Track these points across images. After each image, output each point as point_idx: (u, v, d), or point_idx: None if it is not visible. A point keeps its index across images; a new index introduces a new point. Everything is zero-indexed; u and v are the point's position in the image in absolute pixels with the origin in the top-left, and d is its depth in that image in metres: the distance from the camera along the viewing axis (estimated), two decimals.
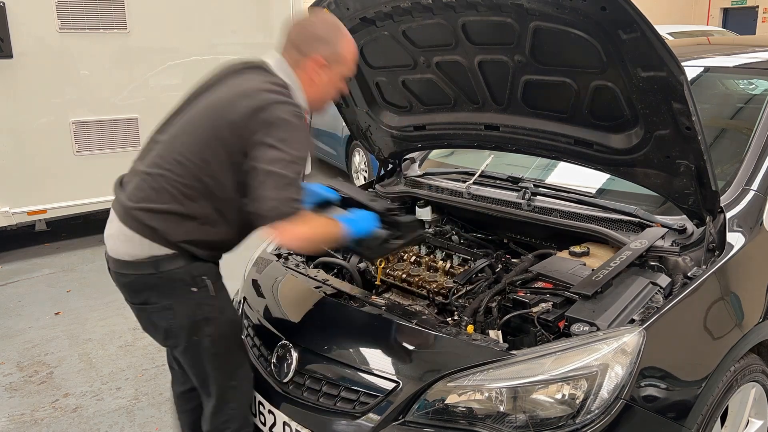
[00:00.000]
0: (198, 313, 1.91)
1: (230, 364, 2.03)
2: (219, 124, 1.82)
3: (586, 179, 2.52)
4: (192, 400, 2.23)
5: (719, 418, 1.92)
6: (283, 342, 2.10)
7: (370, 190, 3.07)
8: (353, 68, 2.00)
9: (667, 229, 2.10)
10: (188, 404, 2.27)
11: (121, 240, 1.90)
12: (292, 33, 1.94)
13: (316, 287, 2.25)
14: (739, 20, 18.28)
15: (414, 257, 2.51)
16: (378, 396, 1.83)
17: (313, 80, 1.92)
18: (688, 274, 1.95)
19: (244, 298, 2.48)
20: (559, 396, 1.67)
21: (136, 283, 1.91)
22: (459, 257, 2.50)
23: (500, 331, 1.96)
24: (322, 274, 2.36)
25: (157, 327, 1.97)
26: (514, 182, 2.60)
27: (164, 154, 1.89)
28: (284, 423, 2.00)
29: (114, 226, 1.93)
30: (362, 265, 2.53)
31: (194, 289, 1.90)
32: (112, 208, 1.97)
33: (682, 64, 1.74)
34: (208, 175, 1.84)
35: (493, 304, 2.09)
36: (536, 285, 2.11)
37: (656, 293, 1.89)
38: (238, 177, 1.83)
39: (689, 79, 1.77)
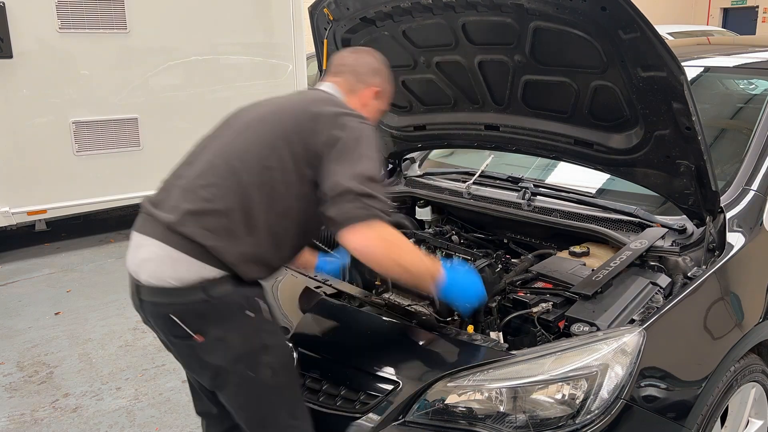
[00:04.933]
0: (255, 342, 1.69)
1: (292, 399, 1.79)
2: (285, 126, 1.72)
3: (586, 179, 2.52)
4: None
5: (719, 418, 1.92)
6: None
7: None
8: (389, 105, 2.10)
9: (667, 229, 2.10)
10: None
11: (165, 264, 1.65)
12: (350, 61, 1.97)
13: (315, 287, 2.25)
14: (739, 20, 18.28)
15: None
16: (378, 396, 1.83)
17: (366, 107, 1.94)
18: (688, 274, 1.95)
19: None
20: (559, 396, 1.67)
21: (183, 313, 1.65)
22: (459, 257, 2.50)
23: (501, 332, 1.97)
24: (321, 275, 2.36)
25: (206, 366, 1.70)
26: (514, 182, 2.60)
27: (216, 163, 1.72)
28: None
29: (150, 250, 1.69)
30: None
31: (250, 314, 1.68)
32: (139, 232, 1.74)
33: (682, 64, 1.75)
34: (268, 182, 1.68)
35: (493, 304, 2.09)
36: (536, 285, 2.11)
37: (656, 293, 1.89)
38: (299, 187, 1.71)
39: (689, 79, 1.77)
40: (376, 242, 1.62)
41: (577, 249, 2.25)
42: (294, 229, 1.75)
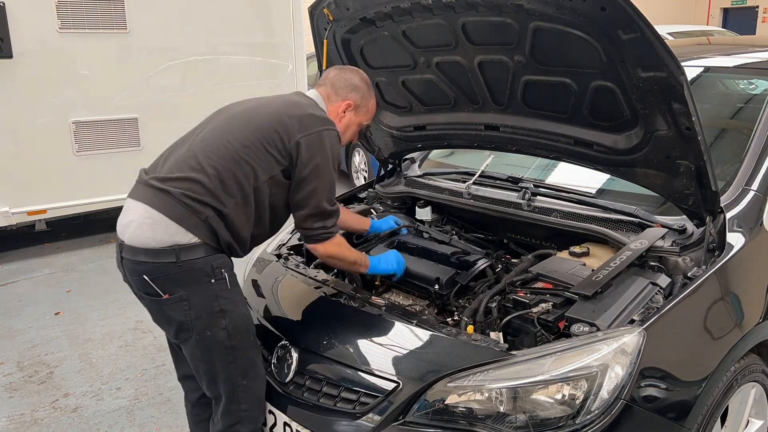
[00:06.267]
0: (215, 305, 1.94)
1: (243, 361, 2.00)
2: (267, 118, 2.03)
3: (586, 179, 2.52)
4: (207, 409, 2.19)
5: (719, 418, 1.92)
6: (283, 342, 2.10)
7: (370, 190, 3.07)
8: (370, 121, 2.35)
9: (667, 230, 2.10)
10: (204, 414, 2.24)
11: (146, 225, 1.91)
12: (332, 75, 2.24)
13: (316, 287, 2.25)
14: (739, 20, 18.28)
15: None
16: (378, 396, 1.83)
17: (339, 116, 2.20)
18: (688, 275, 1.95)
19: (244, 299, 2.47)
20: (559, 396, 1.67)
21: (154, 273, 1.91)
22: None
23: (501, 332, 1.97)
24: (322, 274, 2.36)
25: (171, 320, 1.96)
26: (514, 182, 2.60)
27: (206, 141, 2.01)
28: (285, 423, 2.00)
29: (134, 212, 1.95)
30: None
31: (212, 281, 1.94)
32: (129, 197, 2.02)
33: (682, 64, 1.74)
34: (246, 160, 1.97)
35: (493, 305, 2.09)
36: (536, 285, 2.11)
37: (656, 293, 1.89)
38: (271, 171, 2.00)
39: (689, 79, 1.77)
40: (329, 254, 2.13)
41: (577, 249, 2.25)
42: (261, 205, 2.03)
